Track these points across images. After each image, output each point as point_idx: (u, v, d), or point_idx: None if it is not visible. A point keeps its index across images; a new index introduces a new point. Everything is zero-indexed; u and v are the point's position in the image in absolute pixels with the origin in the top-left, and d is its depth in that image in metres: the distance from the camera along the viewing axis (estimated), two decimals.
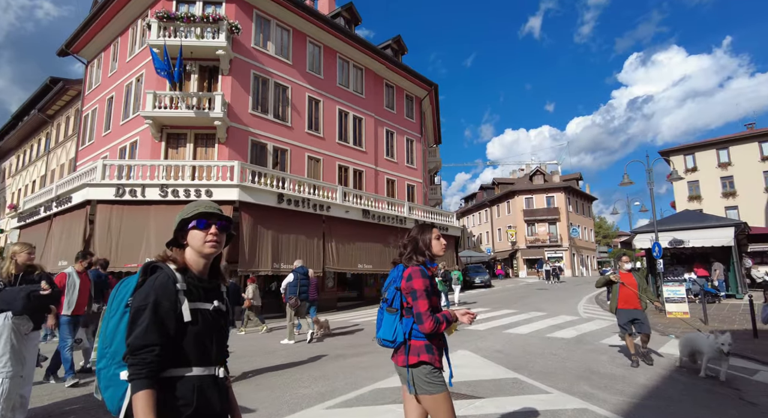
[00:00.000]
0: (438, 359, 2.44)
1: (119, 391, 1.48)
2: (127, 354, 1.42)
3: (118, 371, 1.49)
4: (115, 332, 1.53)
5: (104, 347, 1.53)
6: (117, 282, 1.79)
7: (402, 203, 21.45)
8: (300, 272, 9.38)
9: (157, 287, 1.49)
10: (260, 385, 5.40)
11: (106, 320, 1.56)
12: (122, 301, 1.56)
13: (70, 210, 14.90)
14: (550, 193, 45.25)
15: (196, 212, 1.67)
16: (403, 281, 2.49)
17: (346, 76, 22.14)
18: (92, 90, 21.43)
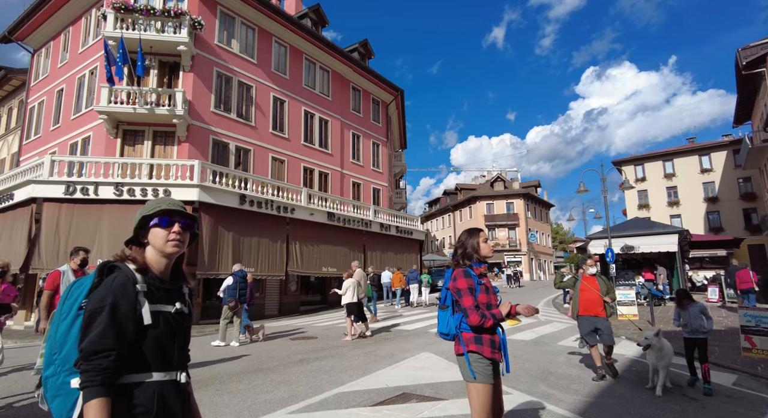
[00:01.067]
0: (489, 350, 2.72)
1: (69, 400, 1.38)
2: (79, 360, 1.32)
3: (68, 379, 1.39)
4: (66, 337, 1.42)
5: (53, 353, 1.42)
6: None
7: (367, 207, 21.46)
8: (239, 275, 9.53)
9: (115, 288, 1.39)
10: (220, 390, 5.24)
11: (56, 324, 1.46)
12: (75, 303, 1.46)
13: (12, 208, 13.93)
14: (510, 200, 46.60)
15: (159, 209, 1.59)
16: (450, 282, 2.85)
17: (312, 78, 21.96)
18: (39, 81, 20.16)
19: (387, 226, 22.36)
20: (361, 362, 6.84)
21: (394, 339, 9.22)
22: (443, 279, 3.06)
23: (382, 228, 21.97)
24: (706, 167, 35.35)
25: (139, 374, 1.40)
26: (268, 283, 17.64)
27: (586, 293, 6.07)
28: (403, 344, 8.46)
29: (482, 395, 2.67)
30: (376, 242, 21.62)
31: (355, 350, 7.88)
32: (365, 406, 4.56)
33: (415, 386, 5.32)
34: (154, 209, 1.59)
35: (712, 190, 34.73)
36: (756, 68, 21.75)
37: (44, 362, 1.46)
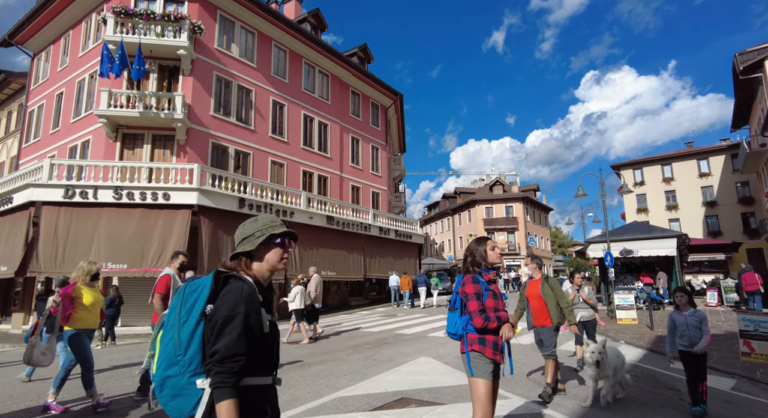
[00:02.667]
0: (491, 351, 2.93)
1: (192, 400, 1.46)
2: (213, 362, 1.42)
3: (193, 380, 1.46)
4: (191, 340, 1.49)
5: (176, 355, 1.48)
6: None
7: (366, 210, 21.47)
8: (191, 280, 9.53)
9: (246, 298, 1.52)
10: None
11: (176, 327, 1.51)
12: (193, 308, 1.54)
13: (11, 211, 13.93)
14: (509, 203, 46.65)
15: (284, 231, 1.74)
16: (460, 287, 3.08)
17: (311, 82, 22.03)
18: (39, 84, 20.20)
19: (386, 229, 22.37)
20: (360, 366, 6.83)
21: (393, 343, 9.21)
22: (442, 282, 3.28)
23: (381, 232, 21.97)
24: (705, 171, 35.43)
25: (255, 377, 1.54)
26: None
27: (530, 300, 5.31)
28: (403, 348, 8.46)
29: (481, 389, 2.88)
30: (376, 246, 21.61)
31: (354, 355, 7.87)
32: (364, 411, 4.55)
33: (414, 390, 5.32)
34: (280, 229, 1.74)
35: (711, 195, 34.79)
36: (753, 73, 21.86)
37: (164, 363, 1.50)
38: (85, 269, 5.01)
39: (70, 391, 5.50)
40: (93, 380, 4.81)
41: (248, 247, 1.70)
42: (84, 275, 4.98)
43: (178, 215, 13.60)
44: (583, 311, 6.76)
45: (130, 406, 4.96)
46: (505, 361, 3.03)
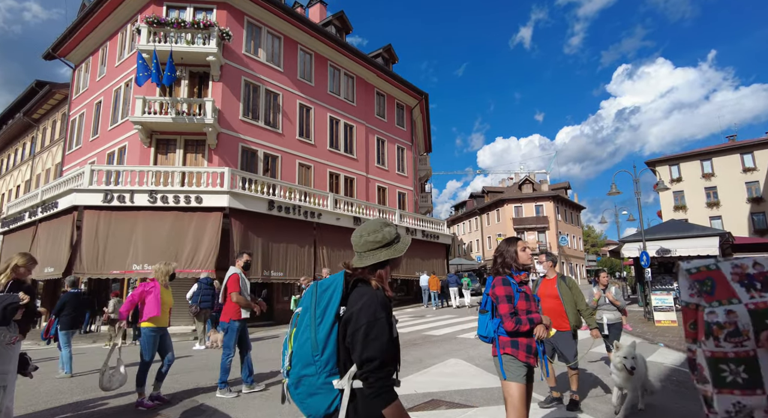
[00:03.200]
0: (525, 354, 2.86)
1: (328, 398, 1.51)
2: (371, 369, 1.46)
3: (330, 380, 1.51)
4: (327, 341, 1.53)
5: (314, 355, 1.51)
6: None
7: (393, 211, 21.46)
8: (204, 282, 10.48)
9: (383, 303, 1.57)
10: (250, 394, 5.32)
11: (312, 328, 1.54)
12: (327, 309, 1.57)
13: (56, 216, 14.63)
14: (539, 202, 45.70)
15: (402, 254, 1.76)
16: (490, 289, 3.04)
17: (337, 84, 22.21)
18: (80, 94, 21.17)
19: (413, 230, 22.29)
20: None
21: (422, 344, 9.15)
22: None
23: (408, 233, 21.90)
24: (749, 166, 33.69)
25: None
26: (295, 288, 17.85)
27: (543, 301, 4.65)
28: (432, 350, 8.39)
29: (515, 393, 2.82)
30: None
31: None
32: None
33: (445, 392, 5.26)
34: (403, 252, 1.77)
35: (756, 190, 33.04)
36: None
37: (301, 362, 1.54)
38: (163, 270, 5.26)
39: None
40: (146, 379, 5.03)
41: (384, 257, 1.70)
42: (163, 275, 5.22)
43: (210, 217, 13.96)
44: (608, 313, 6.27)
45: (164, 405, 5.10)
46: (539, 364, 2.97)
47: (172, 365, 5.22)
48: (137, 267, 13.07)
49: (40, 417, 4.68)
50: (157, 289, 5.08)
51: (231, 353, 5.35)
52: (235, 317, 5.39)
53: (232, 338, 5.38)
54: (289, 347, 1.61)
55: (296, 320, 1.65)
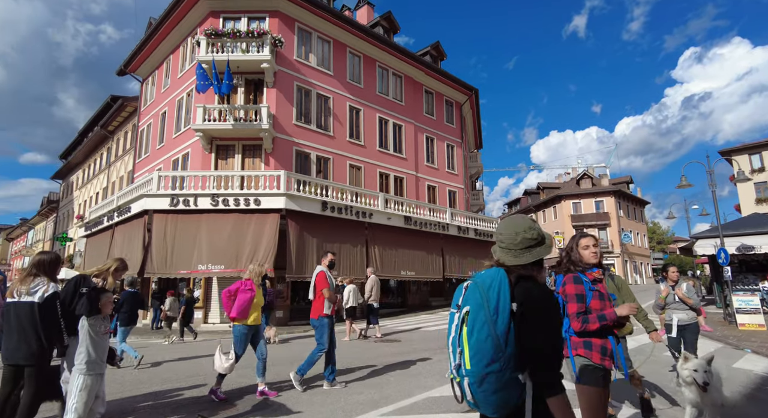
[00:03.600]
0: (599, 356, 2.68)
1: (514, 393, 1.53)
2: (549, 360, 1.53)
3: (514, 375, 1.52)
4: (507, 338, 1.53)
5: (498, 352, 1.51)
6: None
7: (443, 209, 21.22)
8: None
9: (551, 298, 1.63)
10: (312, 389, 5.43)
11: (489, 325, 1.54)
12: (499, 306, 1.57)
13: (129, 219, 15.77)
14: (598, 198, 43.44)
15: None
16: (560, 287, 2.92)
17: (385, 84, 22.30)
18: (147, 106, 22.74)
19: (465, 229, 21.92)
20: (447, 367, 6.69)
21: None
22: None
23: (459, 231, 21.57)
24: None
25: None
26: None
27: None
28: None
29: (589, 397, 2.63)
30: (455, 246, 21.26)
31: (441, 355, 7.76)
32: (457, 412, 4.44)
33: None
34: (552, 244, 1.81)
35: None
36: None
37: (484, 360, 1.52)
38: (257, 271, 5.58)
39: (168, 380, 6.02)
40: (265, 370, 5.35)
41: (543, 254, 1.72)
42: (257, 276, 5.52)
43: (268, 218, 14.47)
44: (680, 313, 5.49)
45: (236, 397, 5.32)
46: (618, 365, 2.74)
47: (239, 361, 5.42)
48: (202, 267, 13.80)
49: (126, 403, 5.05)
50: (254, 290, 5.36)
51: (324, 347, 5.52)
52: (324, 313, 5.60)
53: (324, 334, 5.56)
54: (464, 345, 1.59)
55: (459, 320, 1.64)
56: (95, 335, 3.59)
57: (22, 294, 3.55)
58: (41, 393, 3.57)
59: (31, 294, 3.56)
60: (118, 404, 4.98)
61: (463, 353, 1.58)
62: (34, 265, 3.68)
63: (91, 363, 3.53)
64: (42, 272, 3.66)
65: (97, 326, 3.63)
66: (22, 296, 3.55)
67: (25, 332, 3.48)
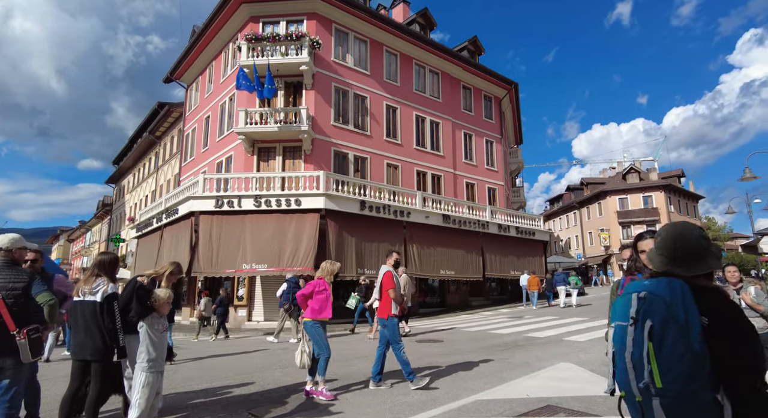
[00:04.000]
0: None
1: (714, 412, 1.42)
2: (752, 377, 1.41)
3: (712, 394, 1.42)
4: (704, 353, 1.44)
5: (698, 370, 1.42)
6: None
7: (483, 207, 20.81)
8: (292, 281, 11.33)
9: (741, 311, 1.54)
10: (359, 389, 5.42)
11: (684, 340, 1.44)
12: (689, 319, 1.47)
13: (177, 221, 16.43)
14: (647, 193, 41.35)
15: None
16: (620, 289, 2.88)
17: (422, 82, 22.13)
18: (191, 111, 23.63)
19: (506, 227, 21.41)
20: (493, 369, 6.53)
21: (526, 346, 8.68)
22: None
23: (500, 229, 21.09)
24: None
25: None
26: None
27: None
28: (537, 352, 7.90)
29: None
30: (495, 245, 20.82)
31: (486, 357, 7.57)
32: (508, 416, 4.29)
33: (560, 398, 4.86)
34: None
35: None
36: None
37: (682, 377, 1.43)
38: (329, 269, 5.63)
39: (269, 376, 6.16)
40: (325, 368, 5.28)
41: (718, 267, 1.67)
42: (329, 274, 5.58)
43: (308, 218, 14.68)
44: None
45: (284, 395, 5.39)
46: None
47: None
48: (246, 266, 14.17)
49: (178, 399, 5.23)
50: (328, 288, 5.43)
51: (401, 344, 5.59)
52: (392, 313, 5.66)
53: (396, 332, 5.64)
54: (653, 363, 1.48)
55: (645, 334, 1.51)
56: (153, 333, 3.72)
57: (86, 293, 3.72)
58: (107, 387, 3.74)
59: (93, 293, 3.72)
60: (171, 399, 5.16)
61: (652, 372, 1.47)
62: (96, 265, 3.85)
63: (152, 361, 3.66)
64: (103, 272, 3.82)
65: (154, 325, 3.75)
66: (86, 296, 3.72)
67: (90, 329, 3.64)
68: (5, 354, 3.23)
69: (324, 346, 5.22)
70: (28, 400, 4.13)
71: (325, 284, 5.44)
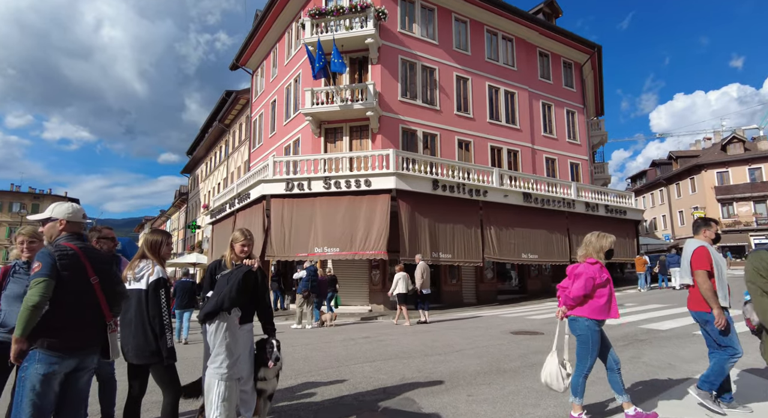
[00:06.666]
0: None
1: None
2: None
3: None
4: None
5: None
6: None
7: (568, 184, 18.86)
8: (310, 270, 11.78)
9: None
10: (472, 395, 4.44)
11: None
12: None
13: (249, 205, 16.35)
14: (754, 165, 36.23)
15: None
16: None
17: (494, 50, 20.35)
18: (258, 97, 23.65)
19: (594, 205, 19.29)
20: (633, 373, 5.18)
21: (650, 341, 7.24)
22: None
23: (587, 208, 19.05)
24: None
25: None
26: (463, 270, 17.00)
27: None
28: (671, 349, 6.48)
29: None
30: (582, 224, 18.79)
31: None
32: None
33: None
34: None
35: None
36: None
37: None
38: (598, 246, 3.81)
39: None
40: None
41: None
42: (597, 252, 3.79)
43: (379, 200, 13.88)
44: None
45: (382, 397, 4.56)
46: None
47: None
48: (318, 250, 13.71)
49: None
50: (605, 270, 3.77)
51: (739, 351, 3.71)
52: (718, 305, 3.71)
53: (733, 334, 3.76)
54: None
55: None
56: (233, 329, 2.98)
57: (130, 280, 3.01)
58: (175, 393, 3.02)
59: (137, 280, 3.00)
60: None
61: None
62: (143, 244, 3.15)
63: (231, 366, 2.93)
64: (149, 252, 3.09)
65: (234, 318, 3.01)
66: (131, 283, 3.01)
67: (132, 324, 2.94)
68: (95, 349, 2.58)
69: (592, 356, 3.63)
70: (104, 398, 3.62)
71: (603, 268, 3.76)
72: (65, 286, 2.36)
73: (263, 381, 3.30)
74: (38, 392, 2.23)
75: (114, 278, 2.71)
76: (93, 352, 2.55)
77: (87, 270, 2.49)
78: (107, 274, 2.64)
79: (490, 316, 12.43)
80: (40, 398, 2.23)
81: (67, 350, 2.35)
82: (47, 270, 2.30)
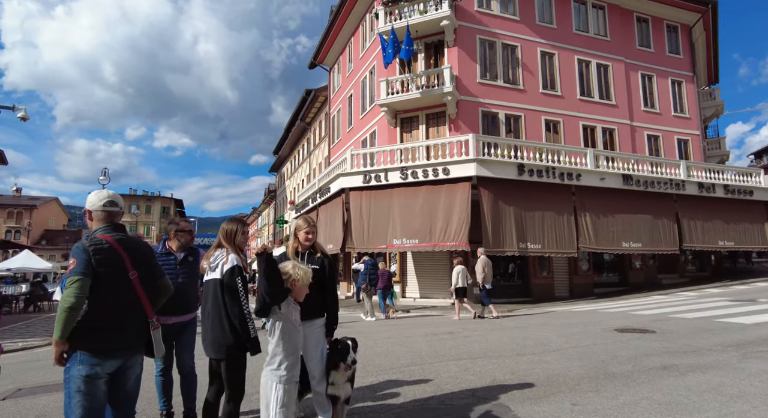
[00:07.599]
0: None
1: None
2: None
3: None
4: None
5: None
6: None
7: (676, 163, 16.62)
8: (369, 263, 12.05)
9: None
10: (578, 405, 3.81)
11: None
12: None
13: (330, 199, 16.63)
14: None
15: None
16: None
17: (584, 20, 18.51)
18: (335, 93, 24.03)
19: (709, 186, 16.79)
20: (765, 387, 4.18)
21: None
22: None
23: (701, 189, 16.63)
24: None
25: None
26: (555, 262, 15.76)
27: None
28: None
29: None
30: (694, 208, 16.52)
31: (747, 361, 5.19)
32: None
33: None
34: None
35: None
36: None
37: None
38: None
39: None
40: None
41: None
42: None
43: (458, 188, 13.28)
44: None
45: (471, 402, 4.13)
46: None
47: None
48: (397, 242, 13.49)
49: None
50: None
51: None
52: None
53: None
54: None
55: None
56: (291, 328, 2.74)
57: (207, 271, 2.88)
58: (238, 396, 2.84)
59: (213, 270, 2.85)
60: None
61: None
62: (219, 233, 2.99)
63: (290, 367, 2.68)
64: (225, 241, 2.92)
65: (291, 315, 2.77)
66: (208, 273, 2.87)
67: (210, 317, 2.80)
68: (139, 349, 2.47)
69: None
70: (185, 393, 3.62)
71: None
72: (102, 283, 2.21)
73: (333, 386, 3.04)
74: (84, 393, 2.14)
75: (155, 270, 2.56)
76: (137, 351, 2.43)
77: (125, 264, 2.32)
78: (148, 267, 2.48)
79: (587, 311, 11.29)
80: (87, 400, 2.14)
81: (108, 351, 2.22)
82: (82, 267, 2.14)
